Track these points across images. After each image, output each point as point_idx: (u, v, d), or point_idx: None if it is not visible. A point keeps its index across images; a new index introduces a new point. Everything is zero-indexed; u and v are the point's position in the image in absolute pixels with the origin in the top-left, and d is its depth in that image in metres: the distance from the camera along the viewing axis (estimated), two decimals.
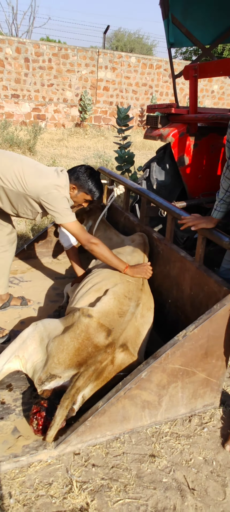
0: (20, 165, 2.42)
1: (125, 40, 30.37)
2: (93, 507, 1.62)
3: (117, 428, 1.95)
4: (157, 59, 13.50)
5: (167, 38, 3.21)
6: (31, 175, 2.40)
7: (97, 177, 2.62)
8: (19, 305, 2.96)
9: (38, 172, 2.44)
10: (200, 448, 1.95)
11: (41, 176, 2.42)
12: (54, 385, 1.92)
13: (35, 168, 2.47)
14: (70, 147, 10.29)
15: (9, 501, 1.61)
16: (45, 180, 2.40)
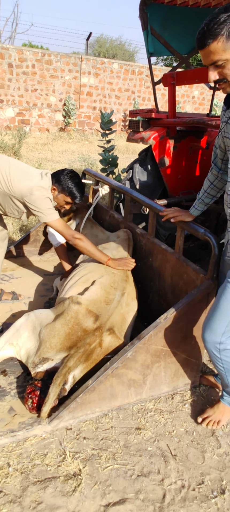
0: (8, 166, 2.57)
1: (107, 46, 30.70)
2: (85, 472, 1.79)
3: (106, 405, 2.12)
4: (139, 65, 13.80)
5: (146, 47, 3.43)
6: (16, 177, 2.55)
7: (77, 180, 2.71)
8: (10, 299, 3.10)
9: (24, 174, 2.59)
10: (182, 421, 2.15)
11: (25, 179, 2.57)
12: (46, 367, 2.08)
13: (22, 170, 2.62)
14: (55, 151, 10.43)
15: (8, 469, 1.77)
16: (29, 182, 2.55)
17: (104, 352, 2.17)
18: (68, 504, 1.65)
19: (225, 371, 1.94)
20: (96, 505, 1.65)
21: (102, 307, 2.25)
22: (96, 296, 2.28)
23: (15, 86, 11.92)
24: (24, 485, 1.71)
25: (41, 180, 2.61)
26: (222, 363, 1.91)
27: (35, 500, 1.65)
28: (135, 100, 13.92)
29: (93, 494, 1.69)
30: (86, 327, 2.12)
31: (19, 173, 2.59)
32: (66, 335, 2.11)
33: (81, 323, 2.13)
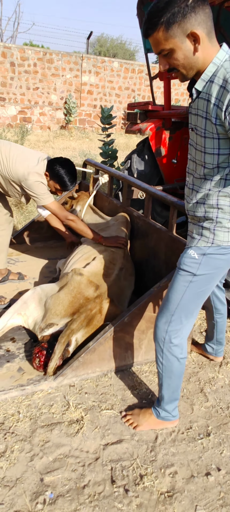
0: (8, 150, 2.76)
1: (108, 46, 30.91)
2: (87, 419, 2.02)
3: (105, 366, 2.35)
4: (139, 64, 14.02)
5: (144, 44, 3.65)
6: (14, 161, 2.73)
7: (68, 169, 2.78)
8: (17, 279, 3.33)
9: (21, 159, 2.75)
10: None
11: (22, 163, 2.72)
12: (52, 331, 2.32)
13: (21, 154, 2.77)
14: (56, 148, 10.65)
15: (19, 416, 2.00)
16: (26, 168, 2.71)
17: (104, 318, 2.40)
18: (72, 443, 1.88)
19: (162, 369, 1.86)
20: (97, 444, 1.88)
21: (102, 279, 2.48)
22: (97, 269, 2.51)
23: (17, 84, 12.16)
24: (33, 428, 1.94)
25: (37, 165, 2.76)
26: (162, 358, 1.83)
27: (43, 439, 1.88)
28: (135, 98, 14.15)
29: (94, 436, 1.93)
30: (88, 296, 2.35)
31: (18, 157, 2.75)
32: (69, 303, 2.34)
33: (83, 292, 2.35)
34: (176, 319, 1.75)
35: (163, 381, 1.88)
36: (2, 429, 1.92)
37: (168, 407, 1.95)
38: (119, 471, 1.76)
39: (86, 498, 1.63)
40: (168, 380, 1.87)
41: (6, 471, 1.71)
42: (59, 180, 2.79)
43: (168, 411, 1.95)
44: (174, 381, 1.87)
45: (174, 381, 1.87)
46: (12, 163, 2.73)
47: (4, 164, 2.73)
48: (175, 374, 1.85)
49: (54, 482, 1.69)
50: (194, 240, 1.70)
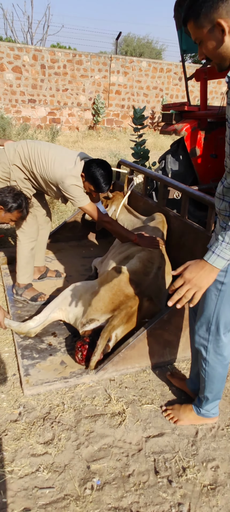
0: (47, 152, 2.80)
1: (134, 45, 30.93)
2: (128, 412, 2.09)
3: (144, 362, 2.42)
4: (167, 63, 13.97)
5: (180, 46, 3.68)
6: (52, 163, 2.77)
7: (103, 171, 2.75)
8: (54, 276, 3.45)
9: (59, 160, 2.78)
10: None
11: (60, 166, 2.76)
12: (93, 326, 2.40)
13: (58, 156, 2.80)
14: (85, 148, 10.81)
15: (64, 406, 2.09)
16: (63, 171, 2.74)
17: (143, 316, 2.46)
18: (115, 434, 1.96)
19: (205, 375, 1.86)
20: (139, 436, 1.95)
21: (141, 277, 2.54)
22: (136, 267, 2.57)
23: (47, 86, 12.41)
24: (77, 418, 2.03)
25: (74, 167, 2.78)
26: (205, 365, 1.83)
27: (87, 429, 1.97)
28: (163, 97, 14.11)
29: (136, 428, 1.99)
30: (128, 293, 2.42)
31: (56, 159, 2.78)
32: (110, 299, 2.41)
33: (124, 289, 2.42)
34: (215, 329, 1.72)
35: (206, 385, 1.89)
36: (49, 418, 2.02)
37: (209, 406, 1.99)
38: (162, 462, 1.82)
39: (132, 486, 1.70)
40: (211, 385, 1.88)
41: (55, 457, 1.81)
42: (94, 182, 2.78)
43: (209, 410, 2.00)
44: (217, 385, 1.89)
45: (217, 385, 1.89)
46: (50, 165, 2.78)
47: (43, 166, 2.80)
48: (218, 379, 1.87)
49: (100, 470, 1.76)
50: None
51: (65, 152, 2.92)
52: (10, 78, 11.89)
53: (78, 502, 1.62)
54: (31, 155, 2.81)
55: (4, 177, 2.87)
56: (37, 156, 2.80)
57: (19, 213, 2.70)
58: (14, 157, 2.82)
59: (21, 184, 2.90)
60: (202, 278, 1.38)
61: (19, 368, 2.32)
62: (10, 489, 1.66)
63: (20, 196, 2.69)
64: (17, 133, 9.04)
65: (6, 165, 2.83)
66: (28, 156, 2.81)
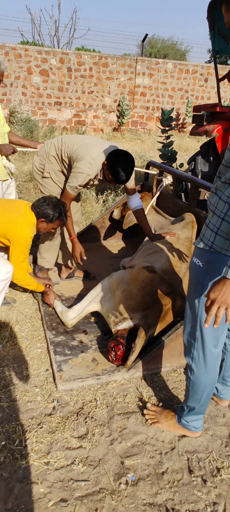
0: (78, 137, 2.88)
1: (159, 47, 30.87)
2: None
3: (175, 362, 2.42)
4: (193, 64, 13.87)
5: (212, 47, 3.66)
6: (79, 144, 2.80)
7: (123, 164, 2.66)
8: (82, 277, 3.50)
9: (86, 144, 2.79)
10: None
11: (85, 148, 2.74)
12: (125, 325, 2.42)
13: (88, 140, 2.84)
14: None
15: (96, 403, 2.13)
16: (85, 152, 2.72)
17: (175, 315, 2.47)
18: (148, 432, 1.97)
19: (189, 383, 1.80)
20: (172, 435, 1.96)
21: (172, 276, 2.55)
22: (166, 267, 2.58)
23: (73, 88, 12.57)
24: (110, 415, 2.06)
25: (97, 156, 2.72)
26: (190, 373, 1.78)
27: (120, 426, 1.99)
28: (188, 99, 14.01)
29: None
30: (161, 292, 2.43)
31: (85, 142, 2.81)
32: (142, 298, 2.43)
33: (156, 289, 2.44)
34: (200, 338, 1.65)
35: (190, 394, 1.82)
36: (82, 413, 2.06)
37: (190, 418, 1.91)
38: (195, 462, 1.82)
39: (166, 484, 1.71)
40: (194, 395, 1.80)
41: (89, 451, 1.84)
42: (113, 172, 2.69)
43: (188, 421, 1.92)
44: (200, 397, 1.80)
45: (201, 397, 1.80)
46: (77, 145, 2.80)
47: (71, 147, 2.83)
48: (202, 391, 1.78)
49: (134, 466, 1.79)
50: None
51: (96, 139, 2.92)
52: (37, 81, 12.11)
53: (113, 496, 1.65)
54: (64, 142, 2.92)
55: (41, 168, 3.04)
56: (69, 140, 2.90)
57: (60, 222, 2.83)
58: (50, 148, 2.96)
59: (54, 176, 3.01)
60: (227, 295, 1.33)
61: (52, 364, 2.37)
62: (47, 480, 1.70)
63: (59, 204, 2.77)
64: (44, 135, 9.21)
65: (43, 158, 3.00)
66: (61, 144, 2.93)
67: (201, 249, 1.53)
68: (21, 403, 2.09)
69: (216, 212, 1.45)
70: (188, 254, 2.81)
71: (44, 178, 3.07)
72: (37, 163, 3.05)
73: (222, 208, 1.43)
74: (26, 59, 11.82)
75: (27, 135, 9.08)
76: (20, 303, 3.04)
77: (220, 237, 1.44)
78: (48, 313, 2.89)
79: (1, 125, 3.08)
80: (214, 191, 1.52)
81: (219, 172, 1.55)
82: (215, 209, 1.46)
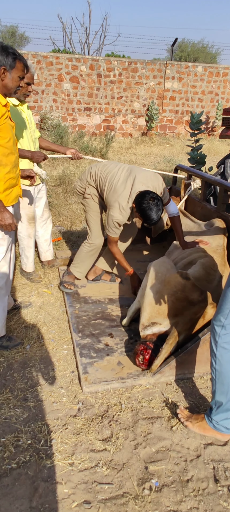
0: (108, 178, 2.95)
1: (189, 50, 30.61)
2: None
3: (201, 368, 2.38)
4: (223, 67, 13.64)
5: None
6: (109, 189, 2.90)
7: (153, 207, 2.65)
8: (109, 280, 3.51)
9: (114, 188, 2.85)
10: None
11: (114, 193, 2.83)
12: (155, 330, 2.39)
13: (115, 182, 2.88)
14: (138, 154, 10.88)
15: (121, 406, 2.12)
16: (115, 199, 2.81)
17: (206, 324, 2.41)
18: (173, 438, 1.94)
19: (215, 375, 1.83)
20: (197, 443, 1.92)
21: (204, 284, 2.49)
22: (199, 274, 2.53)
23: (103, 94, 12.69)
24: (135, 419, 2.05)
25: (127, 200, 2.79)
26: (215, 362, 1.82)
27: (145, 431, 1.98)
28: (218, 102, 13.79)
29: (194, 434, 1.97)
30: (192, 299, 2.39)
31: (113, 185, 2.87)
32: (173, 304, 2.39)
33: (188, 296, 2.39)
34: (229, 324, 1.72)
35: (216, 387, 1.84)
36: (107, 416, 2.06)
37: (219, 417, 1.89)
38: (222, 471, 1.78)
39: (191, 492, 1.68)
40: (221, 387, 1.82)
41: (113, 455, 1.84)
42: (144, 216, 2.71)
43: (218, 421, 1.90)
44: (227, 388, 1.81)
45: (228, 389, 1.81)
46: (108, 190, 2.92)
47: (105, 188, 2.97)
48: (228, 381, 1.79)
49: (158, 472, 1.77)
50: None
51: (122, 177, 2.91)
52: (67, 88, 12.33)
53: (137, 501, 1.64)
54: (99, 179, 3.05)
55: (81, 190, 3.22)
56: (102, 179, 3.01)
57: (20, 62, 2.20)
58: (89, 178, 3.13)
59: (94, 198, 3.16)
60: None
61: (78, 366, 2.39)
62: (71, 481, 1.71)
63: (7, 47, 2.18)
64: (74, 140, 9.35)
65: (83, 183, 3.18)
66: (97, 179, 3.07)
67: None
68: (47, 404, 2.12)
69: None
70: (221, 262, 2.75)
71: (85, 199, 3.22)
72: (78, 187, 3.24)
73: None
74: (57, 66, 12.07)
75: (57, 140, 9.26)
76: (47, 305, 3.10)
77: None
78: (75, 315, 2.92)
79: (33, 130, 3.16)
80: None
81: None
82: None
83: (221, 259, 2.72)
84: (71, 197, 5.96)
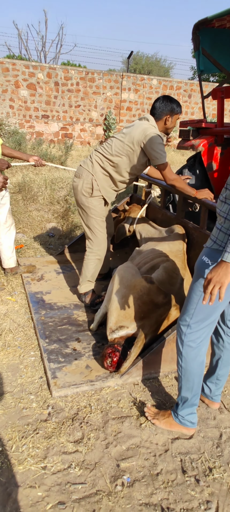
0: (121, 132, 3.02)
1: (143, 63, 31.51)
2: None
3: (166, 367, 2.49)
4: (177, 81, 14.23)
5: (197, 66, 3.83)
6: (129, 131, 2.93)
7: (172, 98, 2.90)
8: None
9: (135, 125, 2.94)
10: None
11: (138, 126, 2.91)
12: (122, 333, 2.46)
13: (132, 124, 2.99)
14: None
15: (91, 408, 2.17)
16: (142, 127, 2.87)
17: (171, 324, 2.53)
18: (142, 435, 2.02)
19: (181, 372, 1.94)
20: (165, 438, 2.02)
21: (168, 287, 2.61)
22: (163, 278, 2.64)
23: (60, 102, 12.71)
24: (105, 420, 2.10)
25: (149, 122, 2.88)
26: (181, 360, 1.92)
27: (115, 430, 2.04)
28: None
29: (161, 430, 2.06)
30: (157, 302, 2.49)
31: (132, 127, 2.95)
32: (139, 307, 2.47)
33: (153, 299, 2.50)
34: (194, 323, 1.83)
35: (182, 383, 1.94)
36: (77, 418, 2.09)
37: (184, 412, 2.00)
38: (188, 463, 1.89)
39: (161, 484, 1.76)
40: (186, 383, 1.93)
41: (85, 455, 1.88)
42: (178, 105, 2.90)
43: (183, 416, 2.01)
44: (192, 384, 1.92)
45: (193, 385, 1.93)
46: (128, 133, 2.92)
47: (120, 142, 2.94)
48: (193, 377, 1.91)
49: (129, 468, 1.83)
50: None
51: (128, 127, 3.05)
52: (24, 95, 12.20)
53: (110, 497, 1.69)
54: (106, 149, 2.99)
55: (88, 188, 3.05)
56: (112, 142, 2.99)
57: None
58: (95, 166, 3.02)
59: (103, 192, 3.07)
60: (222, 275, 1.54)
61: (46, 371, 2.40)
62: (44, 484, 1.73)
63: None
64: (32, 147, 9.25)
65: (89, 178, 3.02)
66: (105, 153, 2.99)
67: (214, 249, 1.72)
68: (16, 410, 2.12)
69: (228, 218, 1.65)
70: (182, 266, 2.89)
71: (92, 198, 3.08)
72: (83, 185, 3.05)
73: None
74: (14, 73, 11.91)
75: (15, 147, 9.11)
76: (12, 312, 3.07)
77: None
78: (41, 321, 2.92)
79: None
80: (223, 200, 1.70)
81: (227, 184, 1.72)
82: (226, 216, 1.65)
83: (182, 263, 2.87)
84: (32, 204, 5.92)
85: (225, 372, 2.18)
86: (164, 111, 2.88)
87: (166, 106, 2.87)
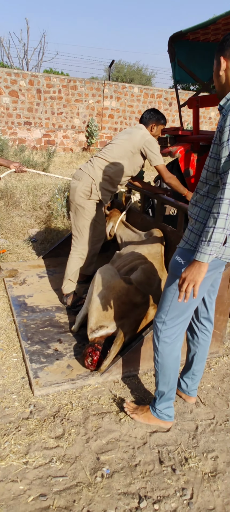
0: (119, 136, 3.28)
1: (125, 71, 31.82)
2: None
3: (145, 365, 2.58)
4: (157, 89, 14.49)
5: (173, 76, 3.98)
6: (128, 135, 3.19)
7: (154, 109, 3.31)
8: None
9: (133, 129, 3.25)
10: (209, 380, 2.58)
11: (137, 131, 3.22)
12: (102, 333, 2.54)
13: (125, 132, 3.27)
14: None
15: (72, 405, 2.24)
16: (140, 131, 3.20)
17: (149, 323, 2.62)
18: (121, 429, 2.10)
19: (158, 367, 2.03)
20: (144, 431, 2.10)
21: (146, 288, 2.71)
22: (141, 279, 2.74)
23: (43, 109, 12.76)
24: (85, 416, 2.17)
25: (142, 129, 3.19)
26: (158, 356, 2.00)
27: (95, 425, 2.11)
28: None
29: (140, 425, 2.14)
30: (136, 302, 2.58)
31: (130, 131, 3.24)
32: (118, 307, 2.56)
33: (132, 299, 2.59)
34: (169, 320, 1.92)
35: (159, 378, 2.03)
36: (59, 416, 2.16)
37: (162, 405, 2.10)
38: (165, 454, 1.97)
39: (139, 474, 1.84)
40: (163, 377, 2.02)
41: (66, 450, 1.95)
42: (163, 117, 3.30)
43: (161, 409, 2.10)
44: (169, 378, 2.02)
45: (169, 379, 2.02)
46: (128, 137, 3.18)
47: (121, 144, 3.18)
48: (169, 371, 2.00)
49: (109, 461, 1.91)
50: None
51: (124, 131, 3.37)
52: (6, 102, 12.19)
53: (90, 488, 1.76)
54: (107, 154, 3.17)
55: (86, 191, 3.16)
56: (112, 147, 3.19)
57: None
58: (96, 171, 3.16)
59: (101, 195, 3.21)
60: (195, 274, 1.65)
61: (28, 371, 2.45)
62: (26, 478, 1.78)
63: None
64: (15, 153, 9.26)
65: (89, 181, 3.15)
66: (106, 158, 3.17)
67: (186, 249, 1.81)
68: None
69: (199, 220, 1.76)
70: (160, 267, 2.99)
71: (89, 200, 3.20)
72: (82, 187, 3.16)
73: (204, 215, 1.75)
74: None
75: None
76: None
77: None
78: (23, 324, 2.97)
79: None
80: (194, 203, 1.83)
81: (197, 188, 1.85)
82: (197, 217, 1.77)
83: (159, 265, 2.97)
84: (14, 210, 5.94)
85: (200, 368, 2.29)
86: (150, 119, 3.25)
87: (153, 116, 3.26)
